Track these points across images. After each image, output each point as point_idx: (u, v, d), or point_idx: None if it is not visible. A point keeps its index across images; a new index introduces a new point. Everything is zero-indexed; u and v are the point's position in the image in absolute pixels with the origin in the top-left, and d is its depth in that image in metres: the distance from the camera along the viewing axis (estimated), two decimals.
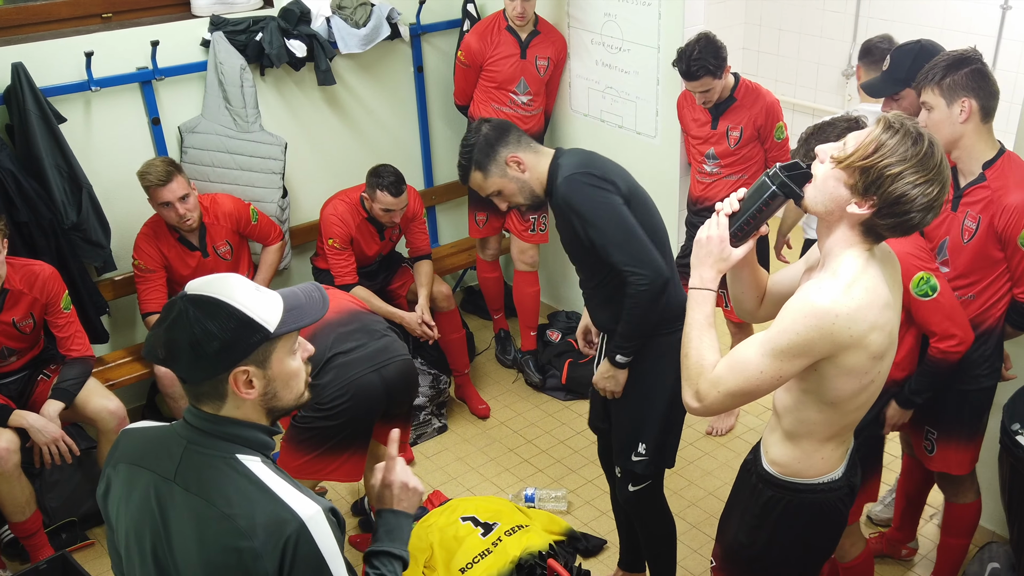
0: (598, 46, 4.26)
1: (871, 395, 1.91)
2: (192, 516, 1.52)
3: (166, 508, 1.54)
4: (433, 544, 3.32)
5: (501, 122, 2.71)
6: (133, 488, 1.59)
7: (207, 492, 1.52)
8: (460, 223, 4.95)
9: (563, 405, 4.41)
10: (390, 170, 3.88)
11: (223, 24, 3.89)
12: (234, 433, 1.55)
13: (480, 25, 4.29)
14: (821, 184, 1.80)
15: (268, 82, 4.12)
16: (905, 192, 1.71)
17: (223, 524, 1.49)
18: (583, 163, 2.62)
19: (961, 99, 2.50)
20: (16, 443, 3.19)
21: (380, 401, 2.99)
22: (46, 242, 3.56)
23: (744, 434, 4.11)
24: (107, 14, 3.83)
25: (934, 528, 3.47)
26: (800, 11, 5.66)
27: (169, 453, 1.56)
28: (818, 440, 1.99)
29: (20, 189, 3.45)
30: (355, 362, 2.95)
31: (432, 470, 3.99)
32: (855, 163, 1.74)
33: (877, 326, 1.78)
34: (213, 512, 1.50)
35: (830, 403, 1.89)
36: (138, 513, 1.58)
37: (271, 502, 1.51)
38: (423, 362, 4.31)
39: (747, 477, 2.19)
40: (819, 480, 2.03)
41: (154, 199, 3.62)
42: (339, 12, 4.14)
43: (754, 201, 1.85)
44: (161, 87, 3.85)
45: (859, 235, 1.80)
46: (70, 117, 3.62)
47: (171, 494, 1.54)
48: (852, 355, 1.78)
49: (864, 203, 1.75)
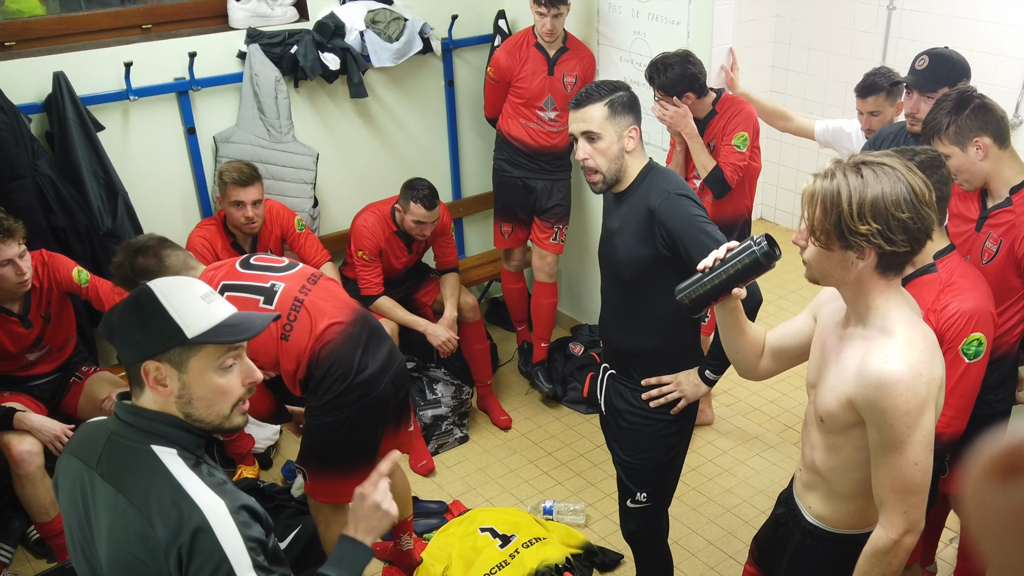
0: (627, 63, 4.30)
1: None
2: (107, 505, 1.57)
3: (87, 497, 1.61)
4: (452, 554, 3.36)
5: (639, 100, 2.64)
6: (66, 477, 1.66)
7: (119, 481, 1.57)
8: (486, 235, 5.00)
9: (584, 418, 4.44)
10: (425, 184, 3.94)
11: (259, 36, 3.97)
12: (150, 425, 1.60)
13: (510, 41, 4.34)
14: (816, 264, 1.80)
15: (302, 94, 4.19)
16: (881, 212, 1.68)
17: (129, 513, 1.54)
18: (686, 188, 2.56)
19: (973, 140, 2.52)
20: (39, 445, 3.25)
21: (391, 401, 2.95)
22: (82, 247, 3.65)
23: (764, 452, 4.12)
24: (147, 25, 3.92)
25: (953, 551, 3.46)
26: (830, 30, 5.67)
27: (96, 442, 1.63)
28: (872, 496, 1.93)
29: (58, 195, 3.54)
30: (376, 375, 2.86)
31: (452, 480, 4.04)
32: (822, 229, 1.72)
33: (941, 363, 1.80)
34: (121, 502, 1.55)
35: None
36: (68, 502, 1.65)
37: (175, 494, 1.54)
38: (446, 372, 4.36)
39: (788, 535, 2.14)
40: (870, 529, 1.95)
41: (229, 197, 3.71)
42: (373, 26, 4.21)
43: (734, 262, 1.87)
44: (197, 97, 3.94)
45: (880, 276, 1.79)
46: (108, 125, 3.71)
47: (93, 483, 1.60)
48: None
49: (862, 254, 1.73)
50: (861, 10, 5.44)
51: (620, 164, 2.54)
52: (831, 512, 2.02)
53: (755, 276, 1.87)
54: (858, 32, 5.51)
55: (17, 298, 3.32)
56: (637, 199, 2.55)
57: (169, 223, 3.96)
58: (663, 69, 3.58)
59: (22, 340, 3.37)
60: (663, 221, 2.47)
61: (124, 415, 1.62)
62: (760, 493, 3.85)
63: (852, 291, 1.82)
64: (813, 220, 1.74)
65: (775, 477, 3.93)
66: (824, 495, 2.02)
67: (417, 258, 4.32)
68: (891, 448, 1.77)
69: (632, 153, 2.55)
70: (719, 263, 1.88)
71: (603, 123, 2.50)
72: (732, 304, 1.99)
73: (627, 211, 2.57)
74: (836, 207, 1.70)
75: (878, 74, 3.55)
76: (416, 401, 4.19)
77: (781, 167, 6.22)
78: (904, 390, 1.72)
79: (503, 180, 4.50)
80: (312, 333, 2.78)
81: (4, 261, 3.14)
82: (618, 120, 2.50)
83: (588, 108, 2.50)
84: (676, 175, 2.63)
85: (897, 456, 1.76)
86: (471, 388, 4.40)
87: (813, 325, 2.06)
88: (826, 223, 1.72)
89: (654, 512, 2.88)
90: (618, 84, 2.57)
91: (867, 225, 1.69)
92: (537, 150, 4.37)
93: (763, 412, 4.42)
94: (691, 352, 2.71)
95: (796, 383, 4.55)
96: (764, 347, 2.12)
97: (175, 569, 1.52)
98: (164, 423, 1.61)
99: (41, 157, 3.51)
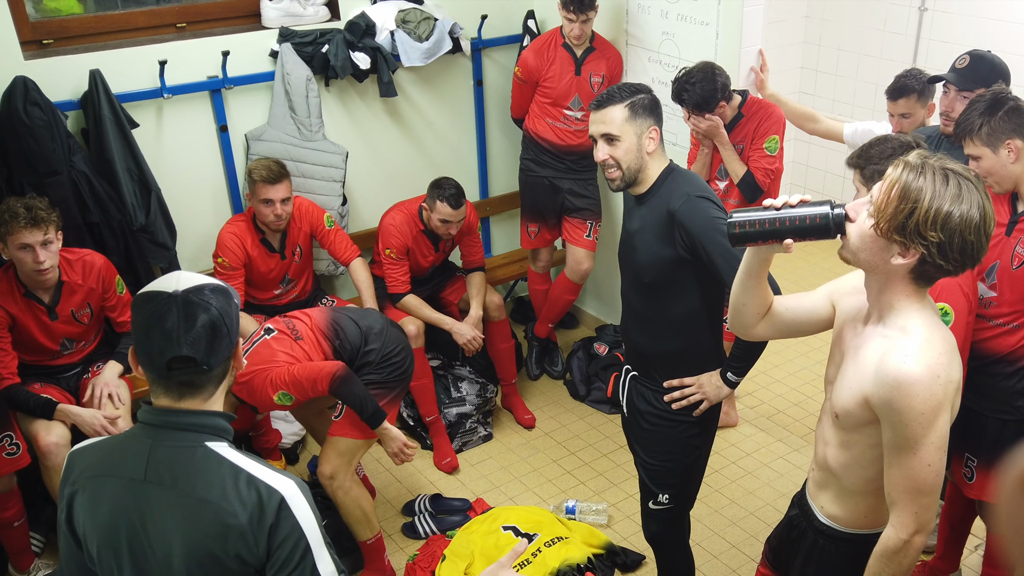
0: (655, 64, 4.31)
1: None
2: (171, 509, 1.56)
3: (141, 512, 1.57)
4: (474, 551, 3.39)
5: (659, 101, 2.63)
6: (100, 501, 1.60)
7: (183, 482, 1.56)
8: (513, 234, 5.03)
9: (607, 418, 4.45)
10: (452, 183, 3.97)
11: (291, 36, 4.02)
12: (199, 423, 1.60)
13: (538, 41, 4.36)
14: (859, 242, 1.77)
15: (332, 93, 4.23)
16: (953, 228, 1.67)
17: (206, 510, 1.54)
18: (707, 191, 2.55)
19: (1005, 143, 2.51)
20: (67, 437, 3.30)
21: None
22: (115, 242, 3.71)
23: (788, 455, 4.12)
24: (181, 24, 3.97)
25: (978, 559, 3.45)
26: (860, 31, 5.63)
27: (134, 455, 1.60)
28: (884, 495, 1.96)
29: (93, 191, 3.60)
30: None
31: (476, 478, 4.07)
32: (888, 216, 1.70)
33: (959, 366, 1.80)
34: (192, 501, 1.55)
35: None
36: (109, 522, 1.59)
37: (248, 480, 1.57)
38: (471, 370, 4.39)
39: (801, 536, 2.14)
40: (882, 528, 1.96)
41: (258, 195, 3.76)
42: (403, 26, 4.24)
43: (803, 213, 1.79)
44: (230, 95, 3.99)
45: (911, 282, 1.78)
46: (142, 123, 3.76)
47: (145, 495, 1.57)
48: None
49: (908, 253, 1.72)
50: (892, 11, 5.40)
51: (640, 164, 2.55)
52: (843, 511, 2.02)
53: (815, 238, 1.80)
54: (888, 33, 5.48)
55: (47, 288, 3.37)
56: (657, 201, 2.55)
57: (200, 219, 4.02)
58: (690, 88, 3.58)
59: (50, 331, 3.42)
60: (683, 223, 2.47)
61: (164, 421, 1.60)
62: (783, 496, 3.85)
63: (878, 284, 1.82)
64: (883, 203, 1.71)
65: (798, 480, 3.92)
66: (836, 494, 2.02)
67: (444, 257, 4.35)
68: (905, 448, 1.77)
69: (652, 155, 2.56)
70: (786, 207, 1.81)
71: (622, 125, 2.51)
72: (768, 255, 1.95)
73: (647, 213, 2.58)
74: (914, 204, 1.67)
75: (909, 76, 3.53)
76: (441, 399, 4.23)
77: (809, 168, 6.20)
78: (921, 391, 1.72)
79: (530, 180, 4.52)
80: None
81: (23, 245, 3.19)
82: (638, 122, 2.52)
83: (608, 110, 2.52)
84: (697, 177, 2.63)
85: (911, 457, 1.77)
86: (495, 387, 4.42)
87: (828, 310, 2.05)
88: (896, 213, 1.69)
89: (676, 514, 2.90)
90: (640, 87, 2.58)
91: (935, 233, 1.67)
92: (564, 149, 4.38)
93: (787, 415, 4.42)
94: (713, 354, 2.71)
95: (821, 386, 4.50)
96: (769, 310, 2.10)
97: (264, 550, 1.56)
98: (215, 417, 1.63)
99: (77, 153, 3.57)
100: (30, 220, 3.16)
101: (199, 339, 1.55)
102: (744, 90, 3.81)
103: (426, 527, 3.73)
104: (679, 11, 4.08)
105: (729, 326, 2.18)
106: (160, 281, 1.62)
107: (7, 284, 3.33)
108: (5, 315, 3.30)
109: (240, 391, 3.18)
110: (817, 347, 4.90)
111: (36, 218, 3.17)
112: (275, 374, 3.13)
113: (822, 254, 5.65)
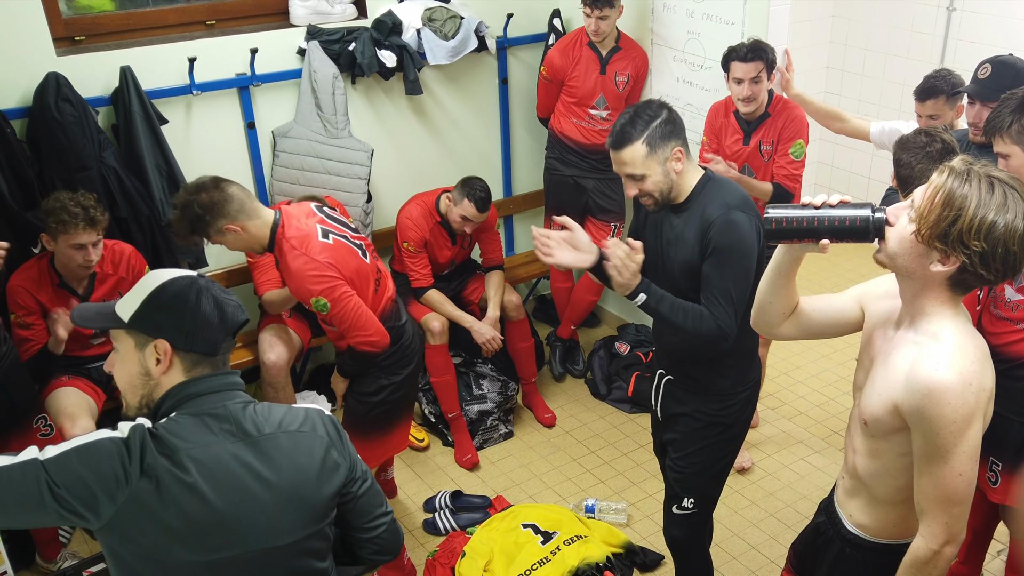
0: (680, 63, 4.30)
1: None
2: (277, 449, 1.70)
3: (250, 461, 1.66)
4: (494, 549, 3.41)
5: (679, 115, 2.55)
6: (214, 466, 1.63)
7: (272, 426, 1.72)
8: None
9: (628, 417, 4.46)
10: (482, 185, 4.00)
11: (319, 33, 4.05)
12: (240, 381, 1.77)
13: (563, 41, 4.37)
14: (898, 246, 1.74)
15: (358, 90, 4.26)
16: (997, 238, 1.64)
17: (300, 438, 1.73)
18: (746, 202, 2.50)
19: None
20: (91, 429, 3.33)
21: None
22: (143, 237, 3.75)
23: (809, 456, 4.11)
24: (211, 21, 4.01)
25: (1000, 564, 3.43)
26: (887, 31, 5.60)
27: (214, 418, 1.67)
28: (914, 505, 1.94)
29: (122, 186, 3.65)
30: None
31: (496, 475, 4.09)
32: (930, 223, 1.67)
33: (991, 374, 1.79)
34: (290, 437, 1.72)
35: None
36: (231, 483, 1.63)
37: (302, 411, 1.78)
38: (492, 368, 4.41)
39: (827, 543, 2.12)
40: (911, 539, 1.93)
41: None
42: (429, 24, 4.26)
43: (842, 214, 1.75)
44: (258, 93, 4.02)
45: (947, 289, 1.75)
46: (172, 119, 3.80)
47: (241, 450, 1.67)
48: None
49: (948, 261, 1.69)
50: (920, 11, 5.36)
51: (671, 185, 2.52)
52: (872, 521, 2.00)
53: (853, 240, 1.76)
54: (916, 33, 5.44)
55: (82, 279, 3.43)
56: (695, 210, 2.52)
57: None
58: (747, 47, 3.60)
59: None
60: (714, 235, 2.46)
61: (225, 384, 1.73)
62: (804, 498, 3.85)
63: (913, 289, 1.78)
64: (926, 210, 1.67)
65: (819, 482, 3.92)
66: (865, 502, 2.00)
67: (465, 254, 4.37)
68: (936, 457, 1.74)
69: (682, 172, 2.52)
70: (826, 206, 1.77)
71: (644, 162, 2.47)
72: (801, 254, 1.92)
73: (685, 222, 2.55)
74: (958, 211, 1.64)
75: (938, 77, 3.48)
76: (463, 396, 4.25)
77: (834, 168, 6.17)
78: (953, 399, 1.69)
79: (554, 178, 4.53)
80: (382, 300, 3.21)
81: (77, 245, 3.26)
82: (659, 153, 2.46)
83: (625, 151, 2.47)
84: (735, 186, 2.58)
85: (941, 466, 1.75)
86: (516, 385, 4.44)
87: (857, 313, 2.02)
88: (940, 220, 1.66)
89: (699, 519, 2.90)
90: (654, 110, 2.49)
91: (978, 243, 1.64)
92: (588, 148, 4.39)
93: (809, 416, 4.41)
94: (752, 353, 2.70)
95: (843, 387, 4.52)
96: (795, 310, 2.08)
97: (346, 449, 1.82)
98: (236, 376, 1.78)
99: (107, 149, 3.62)
100: (88, 221, 3.25)
101: (237, 319, 1.75)
102: (770, 89, 3.80)
103: (446, 523, 3.76)
104: (705, 10, 4.08)
105: (753, 324, 2.16)
106: (149, 275, 1.75)
107: (39, 274, 3.39)
108: (36, 304, 3.37)
109: (290, 265, 2.99)
110: (840, 348, 4.88)
111: (92, 219, 3.26)
112: (338, 288, 2.98)
113: (844, 256, 5.62)
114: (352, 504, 1.83)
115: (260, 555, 1.67)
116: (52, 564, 3.51)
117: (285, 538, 1.69)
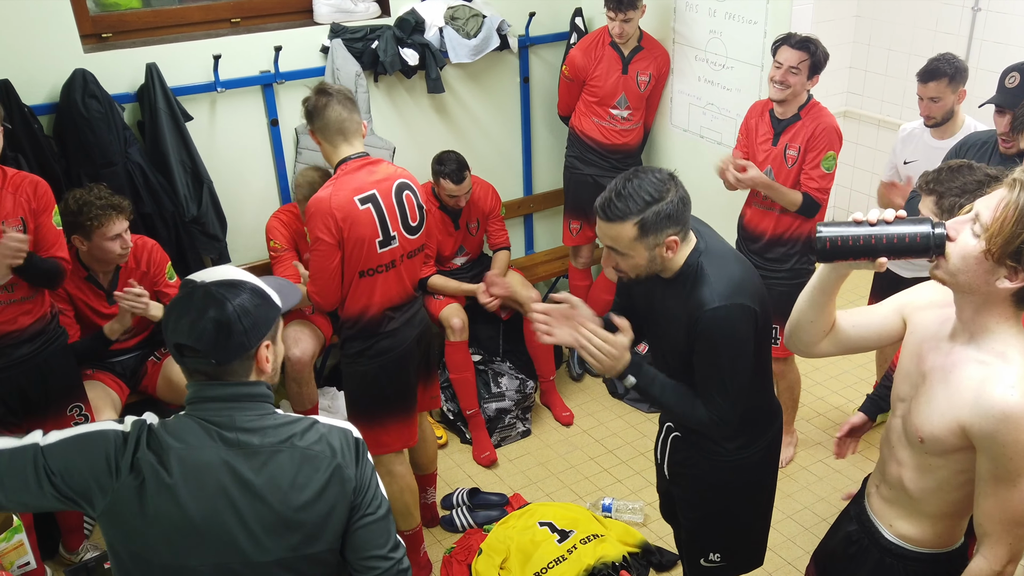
0: (701, 63, 4.30)
1: None
2: (276, 463, 1.64)
3: (240, 472, 1.62)
4: (510, 546, 3.43)
5: (687, 195, 2.21)
6: (199, 471, 1.61)
7: (278, 440, 1.66)
8: (556, 231, 5.05)
9: (645, 417, 4.47)
10: (452, 157, 4.04)
11: (342, 32, 4.07)
12: (263, 392, 1.70)
13: (586, 40, 4.37)
14: (961, 263, 1.66)
15: (381, 88, 4.29)
16: None
17: (309, 457, 1.67)
18: (738, 287, 2.21)
19: None
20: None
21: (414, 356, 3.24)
22: (167, 233, 3.79)
23: (827, 458, 4.10)
24: (235, 19, 4.04)
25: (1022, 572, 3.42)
26: (911, 31, 5.55)
27: (215, 426, 1.64)
28: (963, 516, 1.92)
29: (147, 182, 3.69)
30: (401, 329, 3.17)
31: (514, 473, 4.11)
32: (1003, 240, 1.60)
33: None
34: (295, 453, 1.66)
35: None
36: (212, 490, 1.61)
37: (324, 428, 1.72)
38: (511, 366, 4.43)
39: (862, 552, 2.08)
40: (955, 547, 1.96)
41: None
42: (452, 23, 4.28)
43: (901, 231, 1.67)
44: (281, 90, 4.05)
45: (1011, 304, 1.70)
46: (196, 116, 3.84)
47: (235, 460, 1.63)
48: None
49: (1017, 278, 1.63)
50: (945, 11, 5.32)
51: (655, 270, 2.26)
52: (918, 532, 1.96)
53: (911, 256, 1.68)
54: (940, 34, 5.39)
55: (108, 272, 3.47)
56: (687, 290, 2.25)
57: (250, 211, 4.10)
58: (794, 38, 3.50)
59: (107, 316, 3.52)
60: (703, 330, 2.21)
61: (234, 393, 1.66)
62: (821, 500, 3.84)
63: (974, 306, 1.72)
64: (998, 227, 1.60)
65: (837, 484, 3.91)
66: (909, 514, 1.96)
67: (474, 241, 4.39)
68: (1005, 480, 1.70)
69: (674, 255, 2.23)
70: (881, 223, 1.68)
71: (631, 243, 2.18)
72: (848, 271, 1.84)
73: (676, 298, 2.29)
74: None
75: (942, 60, 3.48)
76: (481, 393, 4.27)
77: (853, 192, 6.13)
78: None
79: (574, 177, 4.54)
80: (371, 298, 3.05)
81: (114, 236, 3.31)
82: (650, 238, 2.16)
83: (614, 226, 2.17)
84: (729, 266, 2.26)
85: (1010, 489, 1.70)
86: (534, 383, 4.46)
87: (898, 325, 1.97)
88: (1013, 238, 1.59)
89: (731, 571, 2.68)
90: (658, 189, 2.16)
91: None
92: (609, 148, 4.40)
93: (827, 418, 4.40)
94: (765, 409, 2.51)
95: (863, 389, 4.50)
96: (833, 327, 2.01)
97: (359, 475, 1.73)
98: (265, 387, 1.72)
99: (132, 145, 3.66)
100: (116, 209, 3.30)
101: (204, 332, 1.59)
102: (809, 93, 3.72)
103: (463, 521, 3.78)
104: (727, 9, 4.08)
105: (787, 344, 2.06)
106: (205, 271, 1.71)
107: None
108: (65, 294, 3.42)
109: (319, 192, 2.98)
110: None
111: (119, 206, 3.31)
112: (323, 242, 2.94)
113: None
114: (349, 535, 1.74)
115: (241, 568, 1.64)
116: (74, 555, 3.55)
117: (268, 555, 1.65)
